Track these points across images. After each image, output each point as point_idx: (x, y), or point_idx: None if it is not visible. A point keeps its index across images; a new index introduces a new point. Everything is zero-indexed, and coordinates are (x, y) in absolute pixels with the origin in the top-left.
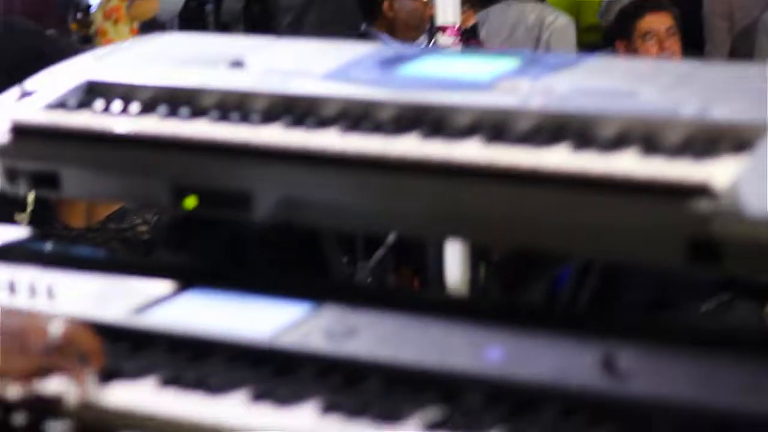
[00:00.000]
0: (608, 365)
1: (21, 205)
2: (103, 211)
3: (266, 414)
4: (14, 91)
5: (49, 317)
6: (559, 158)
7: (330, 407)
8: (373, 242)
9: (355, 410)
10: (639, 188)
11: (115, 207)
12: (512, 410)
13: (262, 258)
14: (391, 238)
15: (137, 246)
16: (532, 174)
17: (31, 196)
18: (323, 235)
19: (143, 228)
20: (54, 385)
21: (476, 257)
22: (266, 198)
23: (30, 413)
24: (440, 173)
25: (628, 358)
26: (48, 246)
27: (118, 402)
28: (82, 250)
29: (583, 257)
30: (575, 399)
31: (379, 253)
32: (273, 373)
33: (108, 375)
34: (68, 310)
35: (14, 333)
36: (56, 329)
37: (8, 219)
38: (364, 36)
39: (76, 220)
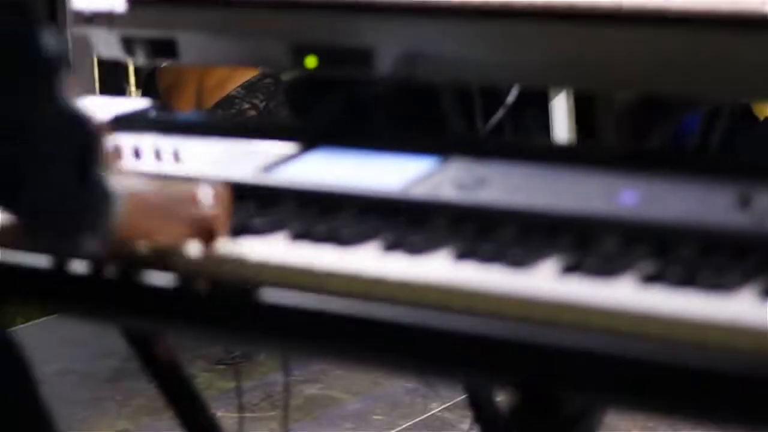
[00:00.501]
0: (745, 204)
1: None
2: (212, 98)
3: (400, 262)
4: None
5: (196, 183)
6: None
7: (464, 254)
8: (491, 105)
9: (489, 256)
10: None
11: (224, 94)
12: (650, 251)
13: (382, 117)
14: (510, 98)
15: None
16: (657, 14)
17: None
18: (442, 94)
19: (252, 113)
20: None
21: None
22: (387, 53)
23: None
24: (564, 19)
25: (765, 197)
26: (169, 115)
27: (251, 255)
28: (204, 117)
29: (713, 101)
30: (714, 237)
31: (499, 113)
32: (405, 223)
33: (239, 231)
34: (194, 172)
35: (167, 201)
36: (206, 196)
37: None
38: None
39: (185, 106)
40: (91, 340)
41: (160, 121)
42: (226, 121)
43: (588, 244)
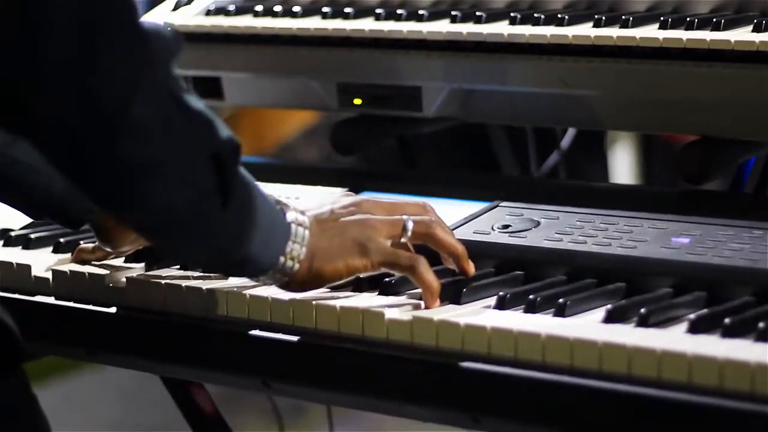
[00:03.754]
0: None
1: None
2: (268, 141)
3: (444, 308)
4: None
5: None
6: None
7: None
8: (544, 148)
9: (535, 303)
10: None
11: (281, 137)
12: (705, 297)
13: (432, 158)
14: (565, 141)
15: None
16: (716, 52)
17: None
18: (494, 136)
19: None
20: None
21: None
22: (434, 92)
23: None
24: (619, 56)
25: None
26: None
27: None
28: (252, 159)
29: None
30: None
31: (553, 158)
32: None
33: None
34: None
35: (366, 227)
36: (410, 224)
37: None
38: None
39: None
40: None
41: None
42: (272, 165)
43: (638, 290)
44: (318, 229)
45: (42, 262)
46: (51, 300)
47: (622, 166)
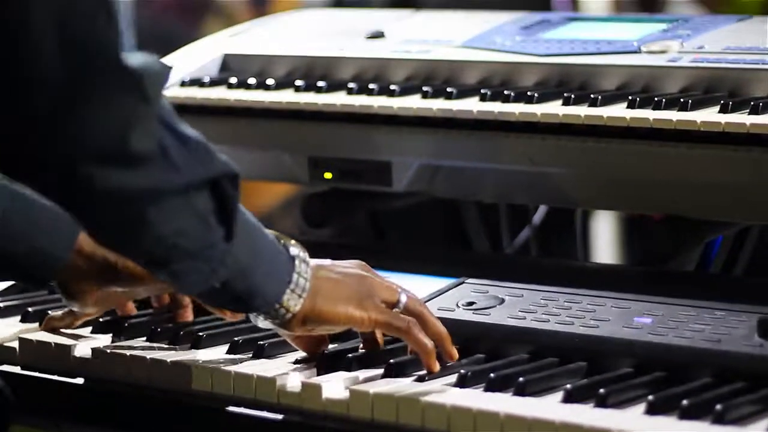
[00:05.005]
0: (764, 332)
1: None
2: None
3: (405, 385)
4: None
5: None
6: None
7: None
8: (517, 224)
9: (496, 381)
10: None
11: (255, 207)
12: (664, 377)
13: (403, 234)
14: (536, 216)
15: None
16: (682, 133)
17: None
18: (466, 211)
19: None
20: None
21: (625, 226)
22: (404, 167)
23: None
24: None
25: None
26: None
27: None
28: None
29: (741, 221)
30: (728, 366)
31: (524, 234)
32: None
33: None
34: None
35: (367, 285)
36: (404, 296)
37: None
38: None
39: None
40: None
41: None
42: None
43: (599, 369)
44: (320, 270)
45: (9, 331)
46: (17, 369)
47: (597, 242)
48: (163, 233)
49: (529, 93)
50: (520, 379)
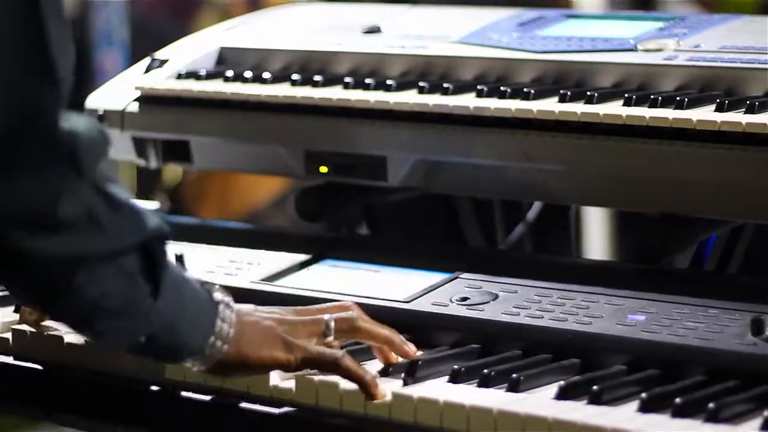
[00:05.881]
0: (757, 330)
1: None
2: (237, 206)
3: (398, 381)
4: (145, 61)
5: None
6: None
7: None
8: (511, 220)
9: (489, 377)
10: None
11: (250, 203)
12: (658, 375)
13: (397, 229)
14: (531, 213)
15: None
16: (678, 131)
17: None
18: (460, 207)
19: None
20: None
21: (620, 223)
22: (400, 162)
23: None
24: (583, 132)
25: None
26: (178, 219)
27: None
28: (211, 224)
29: (735, 219)
30: (721, 364)
31: (518, 230)
32: (408, 339)
33: None
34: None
35: (289, 326)
36: (332, 322)
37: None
38: None
39: (209, 213)
40: None
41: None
42: (233, 229)
43: (592, 366)
44: (243, 315)
45: (2, 321)
46: (9, 360)
47: (591, 239)
48: (88, 296)
49: (525, 90)
50: (514, 375)
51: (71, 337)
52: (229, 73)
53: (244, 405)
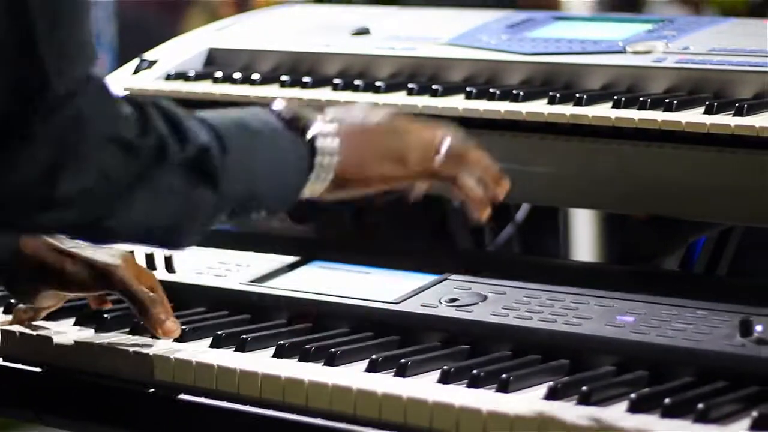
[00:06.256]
0: (745, 331)
1: None
2: None
3: (387, 381)
4: (134, 62)
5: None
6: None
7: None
8: (500, 222)
9: (478, 378)
10: None
11: None
12: (647, 376)
13: (386, 230)
14: (519, 214)
15: None
16: (667, 133)
17: None
18: (449, 208)
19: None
20: None
21: (609, 225)
22: None
23: None
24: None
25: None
26: None
27: (229, 365)
28: None
29: (724, 222)
30: (710, 365)
31: (507, 230)
32: (397, 340)
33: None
34: (187, 281)
35: (402, 139)
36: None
37: None
38: None
39: None
40: None
41: None
42: (222, 231)
43: (582, 367)
44: (350, 136)
45: None
46: None
47: (580, 241)
48: (131, 226)
49: (514, 91)
50: (503, 375)
51: (61, 337)
52: (219, 74)
53: (236, 406)
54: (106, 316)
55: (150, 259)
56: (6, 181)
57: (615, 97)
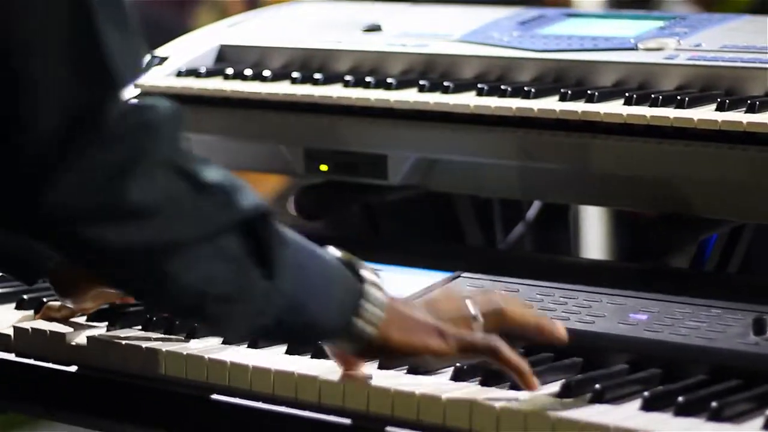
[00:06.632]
0: (759, 329)
1: None
2: None
3: (402, 379)
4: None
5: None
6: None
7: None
8: (511, 219)
9: (491, 375)
10: None
11: None
12: (660, 374)
13: (397, 227)
14: (530, 212)
15: None
16: (679, 130)
17: None
18: (460, 206)
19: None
20: None
21: (620, 222)
22: (400, 161)
23: None
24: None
25: None
26: None
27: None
28: None
29: (736, 219)
30: (723, 363)
31: (518, 229)
32: None
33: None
34: None
35: (440, 317)
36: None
37: None
38: None
39: None
40: None
41: None
42: None
43: (595, 365)
44: (395, 300)
45: (4, 318)
46: (11, 357)
47: (591, 238)
48: (188, 282)
49: (526, 88)
50: None
51: (73, 335)
52: (229, 71)
53: (246, 402)
54: (119, 312)
55: None
56: (72, 186)
57: (627, 94)
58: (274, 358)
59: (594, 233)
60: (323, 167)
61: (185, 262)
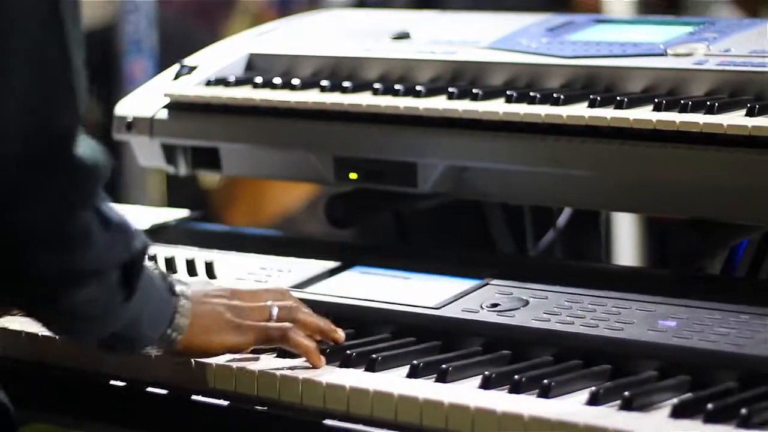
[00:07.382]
0: None
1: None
2: (267, 212)
3: (429, 387)
4: (174, 68)
5: (267, 295)
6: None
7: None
8: (542, 226)
9: (520, 383)
10: None
11: (280, 209)
12: (689, 381)
13: (427, 235)
14: (562, 219)
15: None
16: (709, 136)
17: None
18: (490, 213)
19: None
20: None
21: (650, 229)
22: (430, 168)
23: None
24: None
25: None
26: (209, 226)
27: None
28: (241, 231)
29: (766, 225)
30: (754, 370)
31: (549, 236)
32: (438, 346)
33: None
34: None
35: (238, 312)
36: (275, 309)
37: None
38: None
39: (239, 220)
40: None
41: (196, 233)
42: (263, 237)
43: (624, 372)
44: (196, 304)
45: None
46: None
47: (622, 244)
48: (73, 303)
49: (555, 95)
50: (545, 381)
51: (34, 328)
52: (258, 80)
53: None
54: None
55: (191, 265)
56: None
57: (656, 100)
58: (301, 367)
59: (625, 239)
60: (353, 175)
61: (78, 289)
